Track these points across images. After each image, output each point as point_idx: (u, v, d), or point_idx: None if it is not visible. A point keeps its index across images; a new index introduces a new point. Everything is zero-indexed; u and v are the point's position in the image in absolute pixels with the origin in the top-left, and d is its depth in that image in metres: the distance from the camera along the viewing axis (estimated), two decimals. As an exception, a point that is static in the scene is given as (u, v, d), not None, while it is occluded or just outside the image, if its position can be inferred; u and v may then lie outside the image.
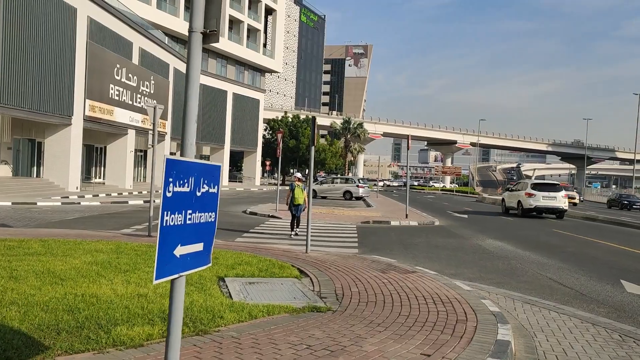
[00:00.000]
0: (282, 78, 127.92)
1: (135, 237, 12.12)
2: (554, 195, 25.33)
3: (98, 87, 31.82)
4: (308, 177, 17.32)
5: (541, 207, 25.17)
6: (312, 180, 10.26)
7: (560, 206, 25.44)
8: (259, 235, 14.06)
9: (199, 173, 3.06)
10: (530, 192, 25.45)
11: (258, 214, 20.24)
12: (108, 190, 32.05)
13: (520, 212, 26.01)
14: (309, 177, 10.60)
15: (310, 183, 10.90)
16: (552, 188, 26.12)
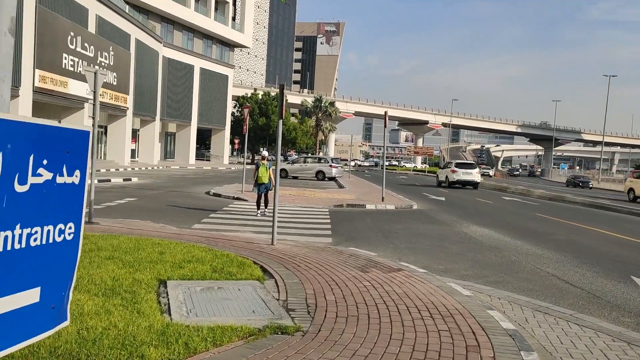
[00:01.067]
0: (252, 54, 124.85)
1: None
2: (470, 172, 32.43)
3: (49, 57, 29.34)
4: (276, 156, 17.11)
5: (461, 180, 32.33)
6: (279, 159, 8.73)
7: (475, 179, 32.55)
8: (220, 220, 12.48)
9: (26, 143, 1.49)
10: (454, 169, 32.83)
11: (222, 196, 18.61)
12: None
13: (447, 184, 32.88)
14: (277, 155, 9.06)
15: (277, 162, 9.36)
16: (469, 166, 33.64)
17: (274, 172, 11.96)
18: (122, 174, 29.34)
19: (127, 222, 10.67)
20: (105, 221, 10.68)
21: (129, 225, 10.22)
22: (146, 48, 44.85)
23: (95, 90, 10.32)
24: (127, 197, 16.55)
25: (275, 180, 9.27)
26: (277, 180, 9.07)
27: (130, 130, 42.85)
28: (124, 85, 40.45)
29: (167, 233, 9.45)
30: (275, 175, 9.22)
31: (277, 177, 9.03)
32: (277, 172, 9.35)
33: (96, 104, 10.59)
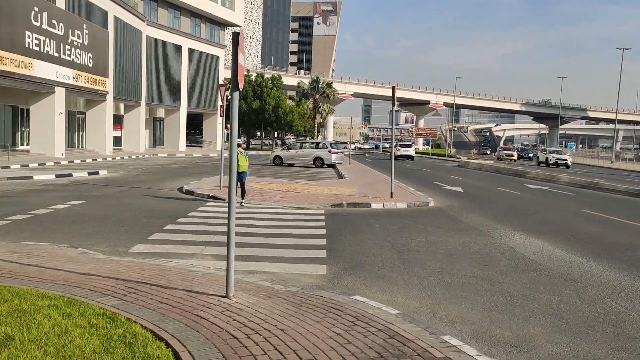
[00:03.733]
0: (247, 36, 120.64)
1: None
2: (408, 149, 53.24)
3: (8, 34, 25.79)
4: (273, 141, 15.41)
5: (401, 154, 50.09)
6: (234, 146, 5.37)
7: (412, 154, 53.06)
8: (176, 236, 9.18)
9: None
10: (398, 148, 51.16)
11: (195, 194, 15.31)
12: (29, 160, 26.49)
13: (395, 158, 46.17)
14: (231, 138, 5.46)
15: (232, 147, 5.78)
16: (407, 146, 54.82)
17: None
18: (91, 166, 26.02)
19: (29, 248, 7.37)
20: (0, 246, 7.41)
21: (29, 254, 6.94)
22: (127, 27, 41.19)
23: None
24: (74, 200, 13.25)
25: (232, 179, 5.67)
26: (232, 184, 5.57)
27: (111, 117, 39.40)
28: (102, 68, 36.89)
29: (76, 271, 6.16)
30: (232, 173, 5.62)
31: (231, 177, 5.57)
32: (232, 169, 5.70)
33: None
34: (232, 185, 5.41)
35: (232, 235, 5.34)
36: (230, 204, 5.32)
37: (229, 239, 5.34)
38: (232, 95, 5.11)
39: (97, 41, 35.74)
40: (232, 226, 5.33)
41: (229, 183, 5.39)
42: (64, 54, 31.50)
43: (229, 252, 5.36)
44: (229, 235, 5.34)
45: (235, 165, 5.34)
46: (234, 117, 5.18)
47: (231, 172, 5.31)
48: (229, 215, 5.33)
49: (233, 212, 5.34)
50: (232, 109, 5.12)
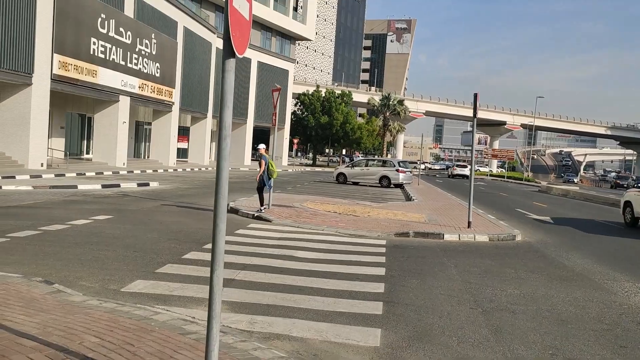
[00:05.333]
0: (319, 52, 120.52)
1: None
2: (464, 169, 58.51)
3: (73, 40, 25.46)
4: (340, 158, 15.10)
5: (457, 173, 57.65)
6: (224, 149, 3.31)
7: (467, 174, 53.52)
8: (192, 270, 7.23)
9: None
10: (455, 167, 61.42)
11: (240, 212, 13.45)
12: (88, 169, 25.93)
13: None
14: (221, 130, 3.67)
15: (222, 147, 3.84)
16: (462, 167, 60.26)
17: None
18: (146, 177, 25.01)
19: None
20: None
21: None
22: (197, 38, 40.83)
23: None
24: (102, 214, 11.72)
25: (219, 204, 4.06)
26: (218, 209, 3.44)
27: (176, 128, 38.91)
28: (169, 78, 36.51)
29: (14, 327, 4.28)
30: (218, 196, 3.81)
31: (217, 203, 3.45)
32: (218, 188, 3.95)
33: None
34: (219, 212, 3.32)
35: (215, 296, 3.25)
36: (217, 241, 3.24)
37: (212, 300, 3.26)
38: (225, 63, 3.10)
39: (165, 51, 35.39)
40: (217, 281, 3.24)
41: (215, 209, 3.31)
42: (131, 62, 31.14)
43: (209, 325, 3.27)
44: (212, 295, 3.26)
45: (224, 177, 3.25)
46: (226, 96, 3.14)
47: (217, 197, 3.23)
48: (213, 258, 3.28)
49: (220, 255, 3.28)
50: (225, 84, 3.11)
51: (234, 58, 3.22)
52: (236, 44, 3.17)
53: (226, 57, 3.17)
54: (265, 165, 13.39)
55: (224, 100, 3.14)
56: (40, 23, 23.16)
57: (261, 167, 13.49)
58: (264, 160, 13.40)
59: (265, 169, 13.40)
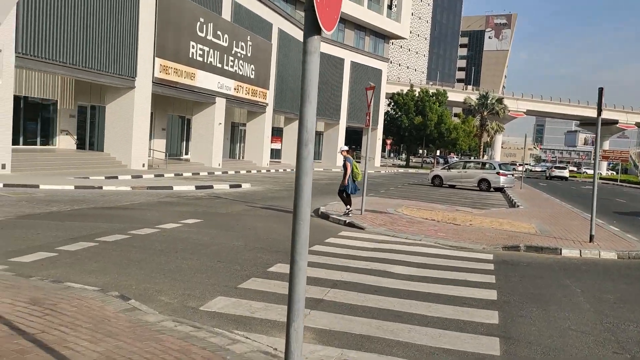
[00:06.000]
0: (413, 51, 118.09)
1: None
2: (563, 171, 59.44)
3: (173, 44, 26.22)
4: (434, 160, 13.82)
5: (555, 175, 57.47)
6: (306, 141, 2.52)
7: (566, 175, 58.10)
8: (278, 286, 6.58)
9: None
10: (553, 169, 61.17)
11: (331, 218, 12.76)
12: (185, 169, 26.61)
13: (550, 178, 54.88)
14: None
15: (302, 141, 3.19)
16: (562, 169, 61.23)
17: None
18: (239, 178, 25.15)
19: (63, 295, 5.25)
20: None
21: (50, 308, 4.81)
22: (291, 40, 40.99)
23: None
24: (192, 217, 11.51)
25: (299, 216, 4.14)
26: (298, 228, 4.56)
27: (269, 129, 39.27)
28: (263, 80, 36.89)
29: (73, 356, 3.80)
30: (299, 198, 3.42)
31: (298, 212, 2.72)
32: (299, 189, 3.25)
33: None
34: (299, 245, 2.54)
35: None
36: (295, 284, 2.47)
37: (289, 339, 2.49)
38: (307, 43, 2.31)
39: (260, 53, 35.76)
40: (295, 339, 2.46)
41: (293, 240, 2.53)
42: (227, 64, 31.69)
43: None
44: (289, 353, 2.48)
45: (305, 199, 2.46)
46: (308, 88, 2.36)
47: (297, 225, 2.45)
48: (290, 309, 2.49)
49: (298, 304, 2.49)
50: (307, 72, 2.32)
51: (319, 35, 2.40)
52: (322, 15, 2.36)
53: (309, 34, 2.37)
54: (350, 168, 12.85)
55: (305, 94, 2.37)
56: (143, 29, 23.98)
57: (347, 170, 12.97)
58: (349, 162, 12.90)
59: (349, 172, 12.88)
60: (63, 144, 25.09)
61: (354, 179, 13.00)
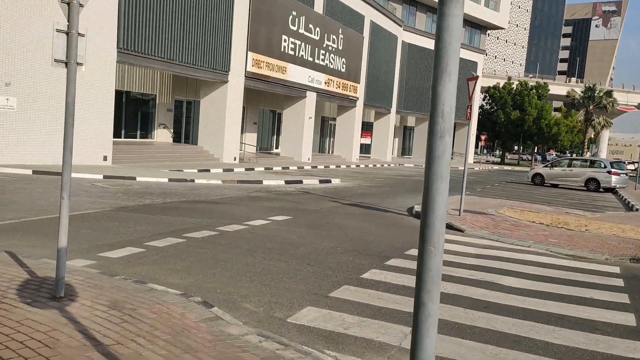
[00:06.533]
0: (511, 42, 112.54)
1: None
2: None
3: (265, 38, 26.27)
4: (532, 157, 12.06)
5: None
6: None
7: None
8: (371, 296, 5.91)
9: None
10: None
11: (427, 219, 11.87)
12: (275, 163, 26.66)
13: None
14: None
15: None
16: None
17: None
18: (328, 173, 24.72)
19: (144, 299, 4.88)
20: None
21: (132, 315, 4.45)
22: (383, 32, 40.04)
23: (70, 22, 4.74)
24: (280, 214, 11.12)
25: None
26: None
27: (359, 123, 38.65)
28: (354, 73, 36.30)
29: None
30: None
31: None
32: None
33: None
34: (429, 286, 1.83)
35: None
36: (419, 342, 1.76)
37: None
38: (445, 4, 1.59)
39: (351, 46, 35.19)
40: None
41: (419, 281, 1.82)
42: (318, 58, 31.41)
43: None
44: None
45: (440, 216, 1.73)
46: (447, 59, 1.63)
47: (425, 257, 1.74)
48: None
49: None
50: (446, 36, 1.60)
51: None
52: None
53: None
54: None
55: (441, 65, 1.66)
56: (237, 23, 24.15)
57: None
58: None
59: None
60: (160, 137, 25.95)
61: None
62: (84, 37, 4.54)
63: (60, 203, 4.62)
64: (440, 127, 1.64)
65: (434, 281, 1.73)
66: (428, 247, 1.70)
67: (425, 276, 1.74)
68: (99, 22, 17.40)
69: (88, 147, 17.72)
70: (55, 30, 4.40)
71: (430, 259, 1.72)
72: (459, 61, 1.65)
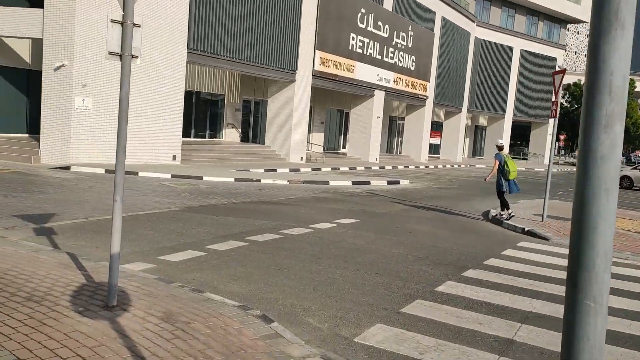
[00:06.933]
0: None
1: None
2: None
3: (333, 37, 25.88)
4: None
5: None
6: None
7: None
8: (451, 314, 5.28)
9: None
10: None
11: (505, 224, 10.99)
12: (342, 163, 26.23)
13: None
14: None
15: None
16: None
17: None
18: (396, 174, 23.96)
19: (199, 310, 4.50)
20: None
21: (187, 327, 4.08)
22: (455, 28, 38.69)
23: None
24: (347, 216, 10.61)
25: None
26: None
27: (429, 123, 37.52)
28: (424, 71, 35.26)
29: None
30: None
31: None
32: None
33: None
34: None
35: None
36: None
37: None
38: None
39: (421, 43, 34.18)
40: None
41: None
42: (386, 56, 30.69)
43: None
44: None
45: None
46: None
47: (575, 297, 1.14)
48: None
49: None
50: None
51: None
52: None
53: None
54: (498, 165, 11.38)
55: (606, 15, 1.07)
56: (305, 21, 23.90)
57: (494, 166, 11.43)
58: (498, 159, 11.42)
59: (500, 170, 11.37)
60: (229, 137, 26.13)
61: (505, 177, 11.36)
62: (139, 28, 4.23)
63: (112, 206, 4.33)
64: (607, 110, 1.05)
65: (594, 357, 1.14)
66: (584, 301, 1.13)
67: (580, 347, 1.15)
68: (173, 23, 17.62)
69: (158, 147, 17.99)
70: (109, 20, 4.12)
71: (588, 321, 1.14)
72: (537, 57, 1.07)
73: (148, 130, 17.68)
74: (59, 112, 15.63)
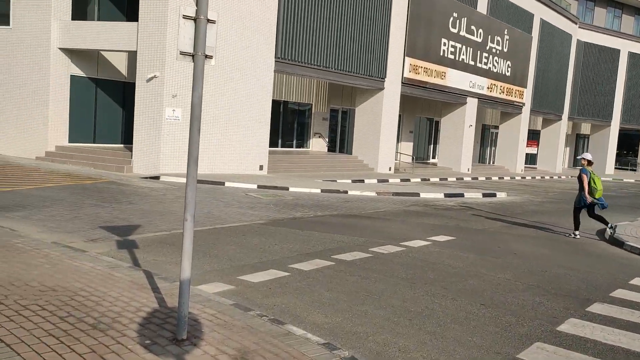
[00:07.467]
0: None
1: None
2: None
3: (423, 42, 24.90)
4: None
5: None
6: None
7: None
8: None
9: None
10: None
11: (626, 246, 9.57)
12: (432, 174, 25.09)
13: None
14: None
15: None
16: None
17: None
18: (491, 186, 22.45)
19: (279, 341, 3.93)
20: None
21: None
22: (555, 31, 36.26)
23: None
24: (441, 233, 9.68)
25: None
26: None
27: (525, 131, 35.30)
28: (520, 77, 33.26)
29: None
30: None
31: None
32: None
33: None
34: None
35: None
36: None
37: None
38: None
39: (517, 47, 32.26)
40: None
41: None
42: (480, 62, 29.18)
43: None
44: None
45: None
46: None
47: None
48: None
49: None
50: None
51: None
52: None
53: None
54: (587, 181, 10.45)
55: None
56: (394, 28, 23.15)
57: (584, 184, 10.45)
58: (585, 174, 10.46)
59: (586, 185, 10.46)
60: (315, 146, 25.84)
61: (592, 195, 10.44)
62: (214, 25, 3.73)
63: (183, 226, 3.84)
64: None
65: None
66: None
67: None
68: (261, 32, 17.56)
69: (246, 156, 17.92)
70: (181, 17, 3.64)
71: None
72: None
73: (236, 139, 17.66)
74: (150, 123, 15.94)
